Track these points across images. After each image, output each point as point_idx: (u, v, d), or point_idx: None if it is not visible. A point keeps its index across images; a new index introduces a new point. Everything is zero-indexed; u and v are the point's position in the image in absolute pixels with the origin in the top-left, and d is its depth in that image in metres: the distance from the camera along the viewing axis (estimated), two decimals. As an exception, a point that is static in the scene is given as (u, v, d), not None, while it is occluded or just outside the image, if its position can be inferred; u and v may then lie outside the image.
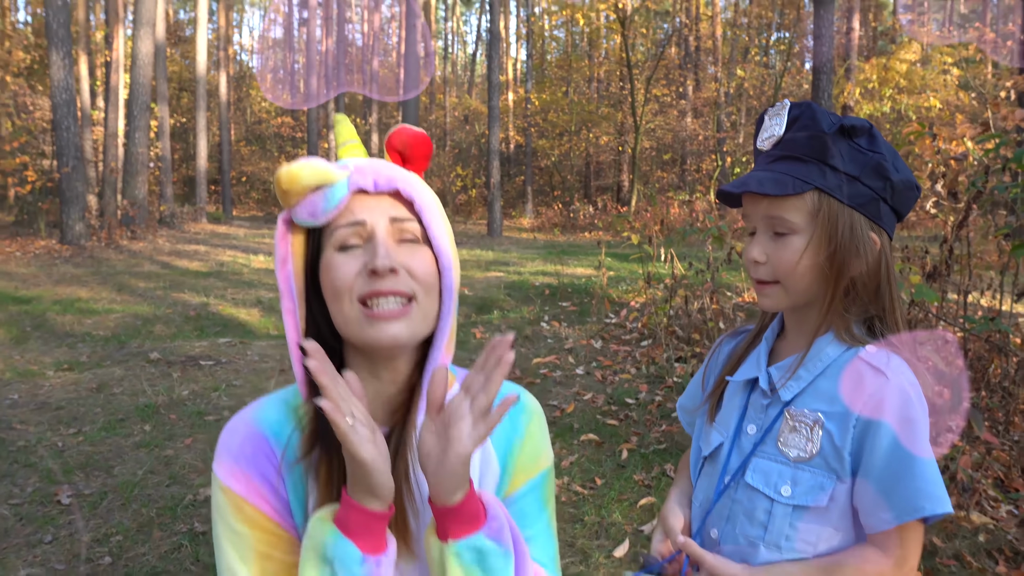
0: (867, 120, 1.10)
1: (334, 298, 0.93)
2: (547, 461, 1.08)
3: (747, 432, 1.17)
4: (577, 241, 17.40)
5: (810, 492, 1.07)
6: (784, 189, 1.07)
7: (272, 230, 18.91)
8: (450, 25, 46.09)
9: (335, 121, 1.07)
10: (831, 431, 1.07)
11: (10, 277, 9.87)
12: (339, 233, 0.93)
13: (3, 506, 3.37)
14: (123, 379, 5.36)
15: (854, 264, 1.09)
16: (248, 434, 0.98)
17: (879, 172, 1.08)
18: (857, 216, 1.08)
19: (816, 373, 1.11)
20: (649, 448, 4.16)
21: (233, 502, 0.94)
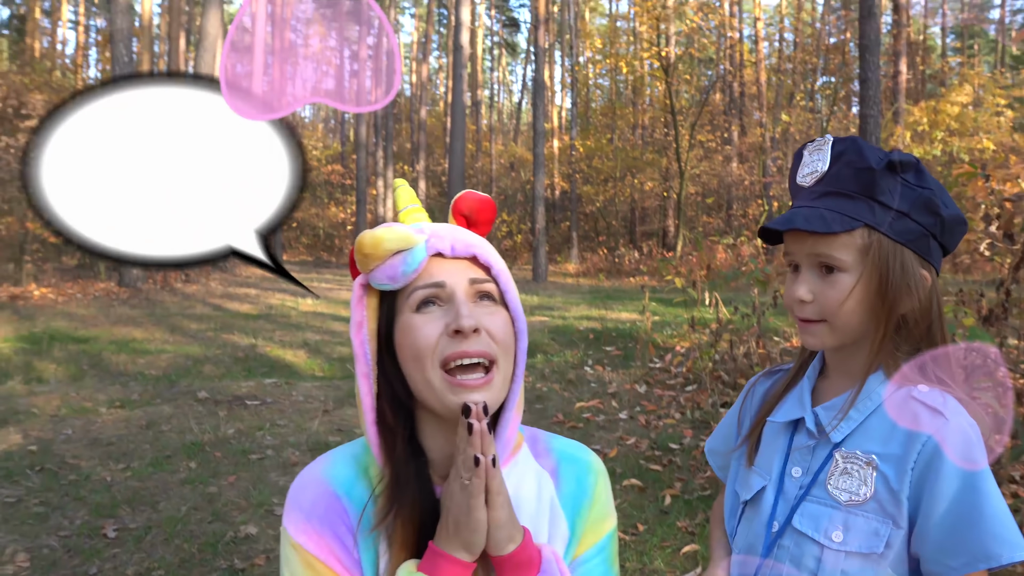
0: (913, 155, 1.07)
1: (414, 361, 0.92)
2: (612, 522, 1.08)
3: (791, 475, 1.12)
4: (622, 286, 17.33)
5: (865, 538, 1.02)
6: (833, 226, 1.04)
7: (321, 275, 19.28)
8: (496, 75, 47.10)
9: (395, 186, 1.09)
10: (886, 474, 1.02)
11: (70, 318, 10.22)
12: (417, 294, 0.93)
13: (52, 537, 3.44)
14: (172, 417, 5.47)
15: (905, 301, 1.06)
16: (320, 492, 0.97)
17: (929, 208, 1.06)
18: (907, 253, 1.05)
19: (867, 412, 1.07)
20: (693, 494, 4.06)
21: (304, 559, 0.94)
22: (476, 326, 0.91)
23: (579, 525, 1.05)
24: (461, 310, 0.91)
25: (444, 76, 40.51)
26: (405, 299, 0.95)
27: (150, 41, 23.51)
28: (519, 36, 46.37)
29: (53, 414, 5.51)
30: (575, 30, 28.88)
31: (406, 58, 42.89)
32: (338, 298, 13.67)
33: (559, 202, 29.42)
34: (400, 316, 0.95)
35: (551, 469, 1.06)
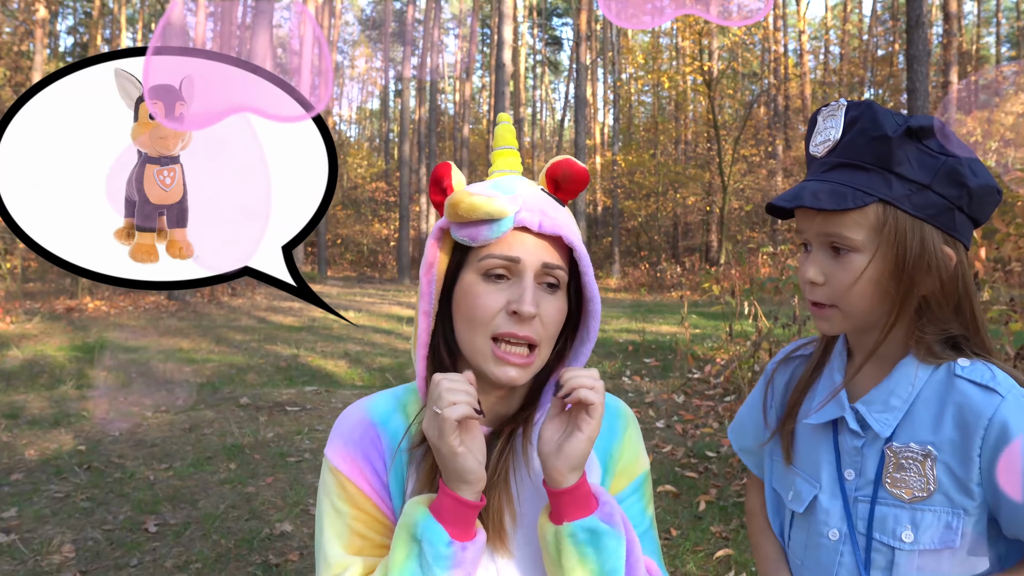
0: (937, 118, 0.97)
1: (467, 323, 0.97)
2: (645, 464, 1.11)
3: (846, 478, 1.05)
4: (663, 300, 17.18)
5: (938, 534, 0.96)
6: (843, 203, 0.95)
7: (364, 290, 19.53)
8: (539, 93, 47.37)
9: (499, 120, 1.09)
10: (949, 464, 0.96)
11: (121, 328, 10.54)
12: (489, 261, 0.95)
13: (97, 530, 3.55)
14: (214, 421, 5.60)
15: (925, 282, 0.97)
16: (358, 420, 1.04)
17: (954, 178, 0.95)
18: (929, 229, 0.96)
19: (909, 400, 1.00)
20: (728, 500, 4.00)
21: (338, 481, 1.00)
22: (536, 313, 0.94)
23: (611, 466, 1.08)
24: (527, 294, 0.94)
25: (487, 94, 40.91)
26: (477, 259, 0.97)
27: (202, 64, 24.25)
28: (562, 54, 46.66)
29: (102, 417, 5.68)
30: (617, 47, 28.95)
31: (450, 77, 43.45)
32: (380, 312, 13.84)
33: (601, 218, 29.36)
34: (466, 272, 0.98)
35: None
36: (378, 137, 46.01)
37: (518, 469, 1.02)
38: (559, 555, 0.91)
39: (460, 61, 37.89)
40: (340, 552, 0.97)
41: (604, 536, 0.91)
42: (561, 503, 0.92)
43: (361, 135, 49.44)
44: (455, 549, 0.88)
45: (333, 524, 0.98)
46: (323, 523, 0.99)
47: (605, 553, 0.91)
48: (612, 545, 0.91)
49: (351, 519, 0.98)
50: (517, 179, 1.03)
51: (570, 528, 0.91)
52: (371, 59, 47.46)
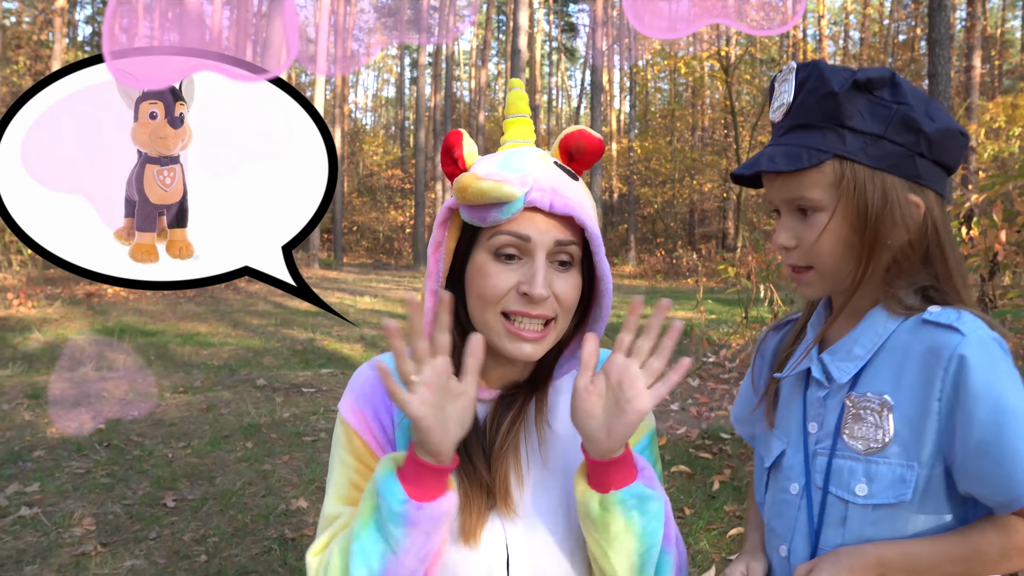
0: (888, 68, 0.97)
1: (478, 300, 0.96)
2: (651, 422, 1.12)
3: (809, 432, 1.04)
4: (679, 287, 17.13)
5: (890, 487, 0.94)
6: (798, 163, 0.95)
7: (379, 276, 19.61)
8: (555, 80, 47.17)
9: (510, 86, 1.07)
10: (905, 412, 0.93)
11: (140, 313, 10.65)
12: (499, 239, 0.94)
13: (116, 505, 3.61)
14: (231, 402, 5.66)
15: (893, 233, 0.95)
16: (371, 376, 1.05)
17: (908, 125, 0.95)
18: (891, 179, 0.95)
19: (872, 350, 0.98)
20: (743, 481, 4.00)
21: (346, 433, 1.02)
22: (547, 295, 0.93)
23: None
24: (537, 276, 0.92)
25: (503, 81, 40.77)
26: (487, 238, 0.95)
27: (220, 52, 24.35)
28: (578, 41, 46.38)
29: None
30: (634, 33, 28.73)
31: (465, 64, 43.34)
32: (395, 297, 13.90)
33: (617, 204, 29.26)
34: (477, 251, 0.97)
35: None
36: (394, 124, 46.05)
37: (528, 436, 1.03)
38: (606, 521, 0.92)
39: (475, 48, 37.78)
40: (336, 500, 0.99)
41: (649, 500, 0.93)
42: (608, 472, 0.92)
43: (377, 123, 49.51)
44: (409, 508, 0.87)
45: (336, 475, 1.01)
46: (330, 473, 1.03)
47: (649, 515, 0.93)
48: (655, 508, 0.94)
49: (353, 471, 1.00)
50: (530, 152, 1.00)
51: (618, 496, 0.92)
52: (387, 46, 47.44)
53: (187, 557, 3.12)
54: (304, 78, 39.13)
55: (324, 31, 21.97)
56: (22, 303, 10.47)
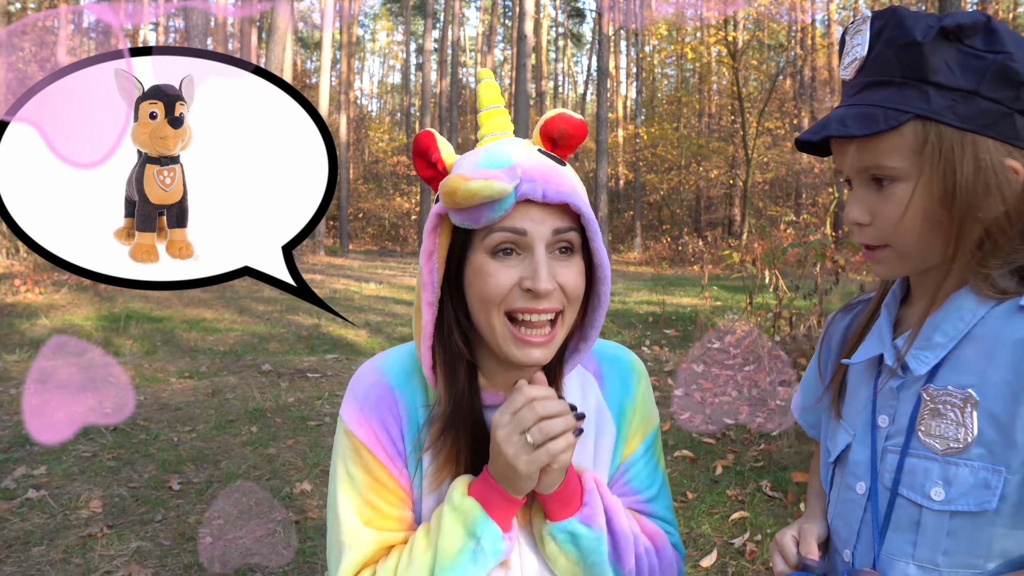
0: (981, 12, 0.83)
1: (480, 303, 0.92)
2: (656, 419, 1.11)
3: (879, 425, 0.93)
4: (685, 274, 17.11)
5: (971, 493, 0.82)
6: (873, 125, 0.82)
7: (385, 263, 19.62)
8: (561, 66, 46.93)
9: (479, 77, 1.02)
10: (991, 408, 0.82)
11: (146, 299, 10.69)
12: (495, 236, 0.90)
13: (123, 488, 3.64)
14: (236, 387, 5.69)
15: (987, 204, 0.82)
16: (375, 383, 1.00)
17: (1005, 77, 0.80)
18: (983, 142, 0.81)
19: (956, 337, 0.86)
20: (745, 466, 4.00)
21: (353, 446, 0.97)
22: (553, 288, 0.89)
23: (624, 424, 1.07)
24: (540, 271, 0.89)
25: (509, 67, 40.59)
26: (482, 238, 0.91)
27: (224, 38, 24.32)
28: (584, 26, 46.12)
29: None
30: (641, 18, 28.54)
31: (471, 50, 43.13)
32: (401, 283, 13.92)
33: (623, 191, 29.17)
34: (474, 253, 0.92)
35: (594, 371, 1.08)
36: (399, 111, 45.92)
37: None
38: (544, 546, 0.96)
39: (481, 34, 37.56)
40: (353, 520, 0.96)
41: (582, 538, 0.94)
42: (546, 503, 0.95)
43: (382, 109, 49.40)
44: (507, 544, 0.91)
45: (346, 490, 0.97)
46: (336, 487, 0.98)
47: (584, 552, 0.95)
48: (592, 547, 0.94)
49: (364, 487, 0.96)
50: (511, 143, 0.96)
51: (551, 528, 0.94)
52: (392, 32, 47.22)
53: (192, 539, 3.14)
54: (310, 64, 39.02)
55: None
56: (29, 290, 10.53)
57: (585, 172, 30.64)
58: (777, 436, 4.40)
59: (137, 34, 35.05)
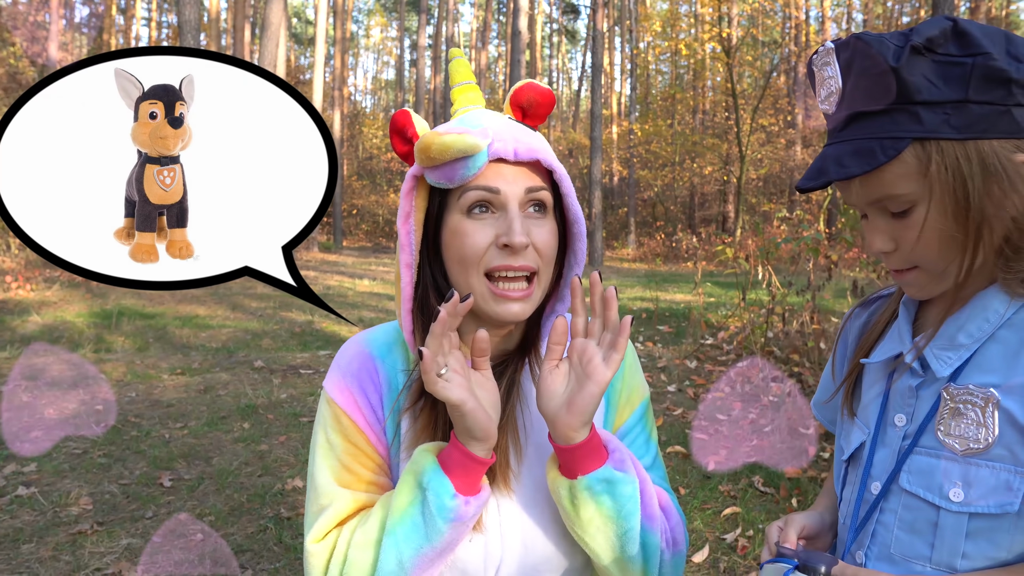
0: (943, 17, 0.82)
1: (459, 264, 0.94)
2: (645, 391, 1.11)
3: (895, 424, 0.91)
4: (678, 271, 17.13)
5: (993, 494, 0.80)
6: (872, 160, 0.81)
7: (379, 259, 19.59)
8: (555, 62, 46.90)
9: (450, 56, 1.05)
10: (1010, 408, 0.80)
11: (139, 296, 10.65)
12: (470, 195, 0.92)
13: (114, 485, 3.62)
14: (228, 383, 5.67)
15: (1006, 204, 0.81)
16: (357, 352, 1.03)
17: (991, 77, 0.79)
18: (986, 145, 0.80)
19: (982, 338, 0.85)
20: (738, 461, 4.01)
21: (333, 413, 0.99)
22: (527, 242, 0.92)
23: (614, 399, 1.07)
24: (514, 225, 0.91)
25: (503, 64, 40.53)
26: (456, 198, 0.94)
27: (218, 33, 24.19)
28: (579, 23, 46.08)
29: (119, 379, 5.77)
30: (635, 14, 28.52)
31: (465, 46, 43.05)
32: (394, 280, 13.89)
33: (617, 188, 29.17)
34: (450, 215, 0.95)
35: None
36: (393, 107, 45.81)
37: (524, 406, 1.01)
38: (576, 507, 0.91)
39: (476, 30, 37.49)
40: (330, 483, 0.96)
41: (619, 484, 0.91)
42: (574, 457, 0.91)
43: (376, 105, 49.29)
44: (459, 503, 0.88)
45: (325, 456, 0.98)
46: (315, 454, 0.99)
47: (621, 499, 0.91)
48: (628, 491, 0.91)
49: (342, 452, 0.97)
50: (482, 112, 0.99)
51: (585, 481, 0.90)
52: (386, 28, 47.10)
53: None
54: (304, 60, 38.90)
55: None
56: (20, 286, 10.48)
57: (579, 168, 30.64)
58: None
59: (129, 29, 34.90)
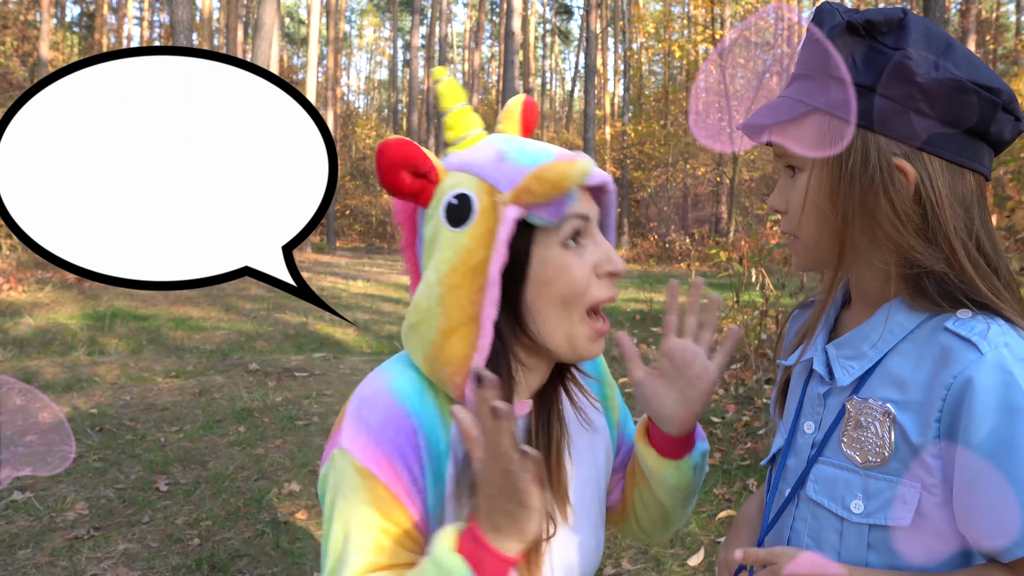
0: (902, 8, 0.83)
1: (563, 304, 0.84)
2: (614, 380, 1.15)
3: (804, 431, 0.92)
4: (672, 272, 17.17)
5: (888, 507, 0.81)
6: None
7: (372, 260, 19.56)
8: (548, 63, 46.92)
9: (435, 77, 0.94)
10: (904, 426, 0.80)
11: (132, 297, 10.62)
12: (570, 225, 0.84)
13: (109, 489, 3.62)
14: (223, 386, 5.66)
15: (874, 203, 0.81)
16: (388, 409, 0.86)
17: (899, 74, 0.79)
18: (873, 138, 0.80)
19: (884, 349, 0.85)
20: (732, 464, 4.03)
21: (368, 486, 0.83)
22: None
23: (609, 400, 1.11)
24: (612, 253, 0.86)
25: (496, 64, 40.55)
26: (550, 232, 0.84)
27: (210, 33, 24.14)
28: (572, 23, 46.11)
29: (113, 382, 5.76)
30: (628, 15, 28.57)
31: (458, 46, 43.04)
32: (388, 281, 13.89)
33: (610, 189, 29.21)
34: (543, 249, 0.84)
35: None
36: (386, 108, 45.76)
37: (562, 436, 0.95)
38: (679, 482, 0.98)
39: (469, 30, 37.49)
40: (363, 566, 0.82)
41: (707, 451, 1.02)
42: (684, 442, 0.96)
43: (369, 106, 49.21)
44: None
45: (357, 534, 0.82)
46: (348, 527, 0.83)
47: (704, 466, 1.02)
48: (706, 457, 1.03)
49: (380, 532, 0.82)
50: (508, 136, 0.92)
51: (691, 459, 0.98)
52: (379, 28, 47.05)
53: (180, 540, 3.13)
54: (296, 60, 38.82)
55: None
56: (12, 288, 10.43)
57: (573, 169, 30.60)
58: (764, 434, 4.43)
59: (121, 29, 34.77)
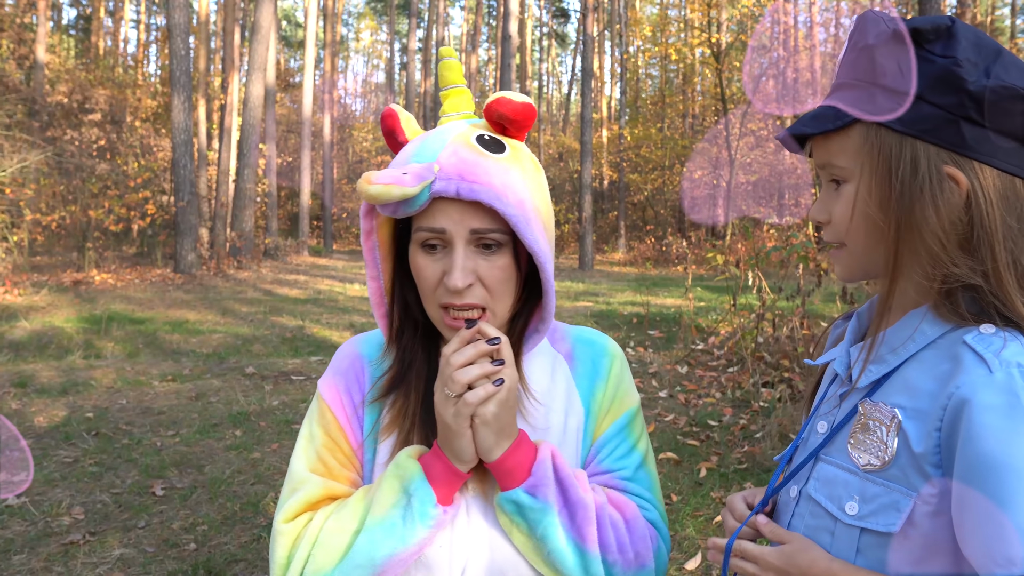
0: (949, 16, 0.82)
1: (421, 293, 0.98)
2: (632, 401, 1.10)
3: (817, 431, 0.93)
4: (669, 275, 17.18)
5: (880, 513, 0.80)
6: (822, 125, 0.84)
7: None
8: (545, 66, 46.95)
9: (441, 55, 1.02)
10: (908, 432, 0.80)
11: (129, 301, 10.60)
12: (420, 234, 0.94)
13: (105, 494, 3.61)
14: (220, 390, 5.65)
15: (924, 212, 0.80)
16: (348, 353, 1.09)
17: (948, 82, 0.79)
18: (925, 147, 0.80)
19: (904, 355, 0.84)
20: (730, 468, 4.03)
21: (320, 407, 1.05)
22: (465, 285, 0.92)
23: (594, 404, 1.07)
24: (455, 269, 0.91)
25: (493, 67, 40.58)
26: (413, 230, 0.96)
27: (207, 36, 24.09)
28: (569, 26, 46.19)
29: (109, 386, 5.74)
30: (625, 19, 28.60)
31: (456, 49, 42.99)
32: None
33: (607, 192, 29.23)
34: (412, 245, 0.97)
35: (566, 353, 1.10)
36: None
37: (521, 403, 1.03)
38: (497, 517, 0.97)
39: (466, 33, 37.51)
40: (304, 470, 1.00)
41: (527, 508, 0.93)
42: (496, 473, 0.95)
43: (366, 108, 49.18)
44: (439, 511, 0.93)
45: (305, 446, 1.03)
46: (298, 443, 1.05)
47: (532, 523, 0.94)
48: (537, 516, 0.93)
49: (321, 444, 1.02)
50: (450, 131, 0.96)
51: (499, 499, 0.96)
52: (376, 32, 47.07)
53: (176, 545, 3.12)
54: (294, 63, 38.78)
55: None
56: (8, 291, 10.41)
57: (569, 172, 30.69)
58: (761, 438, 4.44)
59: (118, 32, 34.72)
